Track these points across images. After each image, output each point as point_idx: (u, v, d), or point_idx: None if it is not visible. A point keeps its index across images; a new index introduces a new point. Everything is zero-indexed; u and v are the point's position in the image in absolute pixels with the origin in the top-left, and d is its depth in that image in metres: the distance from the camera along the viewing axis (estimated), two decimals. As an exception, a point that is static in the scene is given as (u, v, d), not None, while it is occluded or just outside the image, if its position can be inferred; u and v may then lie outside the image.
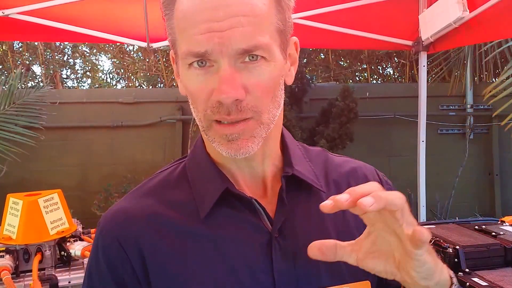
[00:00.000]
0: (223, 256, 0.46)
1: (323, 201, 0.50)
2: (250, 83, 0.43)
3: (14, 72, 2.84)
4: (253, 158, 0.49)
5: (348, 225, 0.51)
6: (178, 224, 0.47)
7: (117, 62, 4.42)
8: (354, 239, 0.47)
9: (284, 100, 0.49)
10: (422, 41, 2.00)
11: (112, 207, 0.51)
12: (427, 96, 2.10)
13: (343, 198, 0.37)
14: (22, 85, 3.00)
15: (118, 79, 4.61)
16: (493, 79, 3.44)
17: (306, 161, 0.54)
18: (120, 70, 4.49)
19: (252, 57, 0.43)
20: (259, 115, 0.45)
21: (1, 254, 1.20)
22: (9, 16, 1.74)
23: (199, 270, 0.46)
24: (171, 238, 0.47)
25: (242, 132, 0.44)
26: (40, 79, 4.06)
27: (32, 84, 3.84)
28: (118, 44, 4.12)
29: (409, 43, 2.10)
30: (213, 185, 0.48)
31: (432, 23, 1.83)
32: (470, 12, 1.61)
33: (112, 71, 4.54)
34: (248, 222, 0.48)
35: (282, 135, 0.54)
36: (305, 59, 3.00)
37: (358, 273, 0.49)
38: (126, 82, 4.56)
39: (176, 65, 0.49)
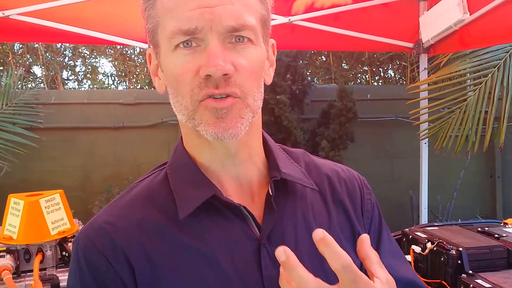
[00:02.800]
0: (214, 265, 0.45)
1: (309, 205, 0.50)
2: (238, 62, 0.43)
3: (15, 72, 2.85)
4: (237, 156, 0.48)
5: (334, 229, 0.51)
6: (165, 234, 0.46)
7: (118, 64, 4.43)
8: (340, 243, 0.47)
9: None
10: (423, 43, 2.00)
11: (91, 222, 0.48)
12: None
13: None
14: (22, 85, 3.01)
15: (119, 82, 4.62)
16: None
17: (291, 162, 0.53)
18: (122, 73, 4.50)
19: (239, 39, 0.43)
20: (245, 95, 0.44)
21: (2, 254, 1.20)
22: (10, 17, 1.74)
23: (190, 281, 0.44)
24: (160, 248, 0.45)
25: (231, 109, 0.43)
26: (40, 80, 4.07)
27: (32, 85, 3.86)
28: (119, 47, 4.15)
29: (410, 45, 2.10)
30: (199, 192, 0.46)
31: (433, 25, 1.84)
32: (470, 15, 1.61)
33: (113, 73, 4.56)
34: (236, 229, 0.46)
35: (264, 139, 0.52)
36: (306, 61, 3.00)
37: None
38: (127, 84, 4.57)
39: (157, 56, 0.47)
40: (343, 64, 4.27)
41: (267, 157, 0.52)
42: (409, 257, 1.19)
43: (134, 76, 4.53)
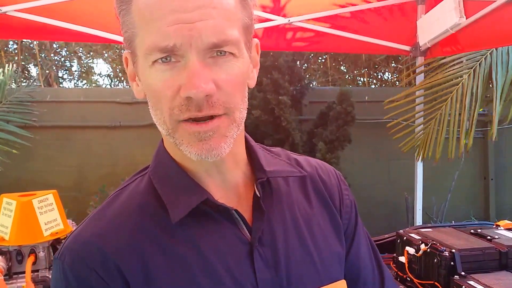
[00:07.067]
0: (208, 271, 0.44)
1: (294, 200, 0.51)
2: (221, 78, 0.41)
3: (8, 70, 2.82)
4: (223, 164, 0.47)
5: (316, 219, 0.52)
6: (158, 243, 0.44)
7: (115, 64, 4.41)
8: (322, 232, 0.50)
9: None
10: (420, 47, 2.02)
11: (75, 236, 0.45)
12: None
13: None
14: (17, 83, 2.99)
15: (116, 82, 4.60)
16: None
17: (273, 157, 0.53)
18: (119, 74, 4.47)
19: (221, 53, 0.41)
20: (231, 111, 0.42)
21: (-6, 254, 1.19)
22: (7, 13, 1.72)
23: None
24: (153, 258, 0.44)
25: (217, 130, 0.42)
26: (35, 79, 4.04)
27: (28, 83, 3.82)
28: (116, 48, 4.12)
29: (407, 48, 2.12)
30: (190, 196, 0.45)
31: (430, 28, 1.85)
32: (467, 18, 1.63)
33: (110, 73, 4.53)
34: (227, 233, 0.46)
35: (246, 139, 0.52)
36: (306, 63, 3.01)
37: (333, 274, 0.50)
38: (124, 85, 4.55)
39: (134, 65, 0.45)
40: (341, 67, 4.29)
41: (250, 158, 0.51)
42: (403, 258, 1.20)
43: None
